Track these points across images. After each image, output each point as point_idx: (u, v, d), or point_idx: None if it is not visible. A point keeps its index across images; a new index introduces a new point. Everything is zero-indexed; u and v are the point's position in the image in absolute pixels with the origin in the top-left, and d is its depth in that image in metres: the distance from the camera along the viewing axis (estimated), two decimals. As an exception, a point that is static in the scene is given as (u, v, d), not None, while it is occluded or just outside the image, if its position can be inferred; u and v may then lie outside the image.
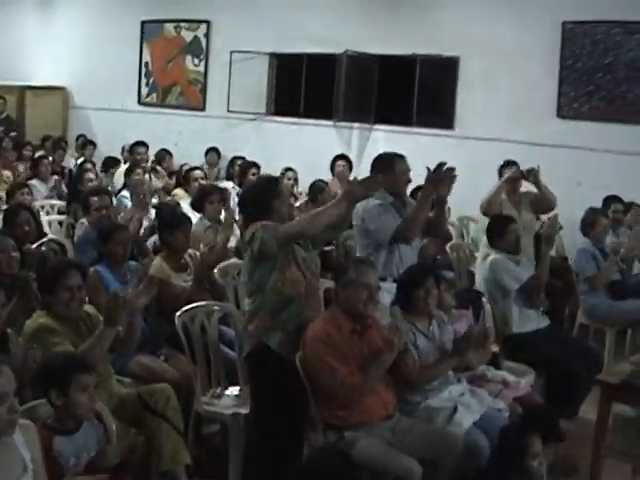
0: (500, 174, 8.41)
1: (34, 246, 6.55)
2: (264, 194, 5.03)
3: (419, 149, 10.26)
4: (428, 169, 5.86)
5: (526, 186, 8.00)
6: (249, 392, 5.17)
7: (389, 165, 6.02)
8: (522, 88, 10.30)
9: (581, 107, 10.06)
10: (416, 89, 11.35)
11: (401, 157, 6.13)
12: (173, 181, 10.58)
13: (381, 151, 6.69)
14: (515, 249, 6.67)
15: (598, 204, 8.46)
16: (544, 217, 8.04)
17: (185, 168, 10.54)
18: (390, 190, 5.95)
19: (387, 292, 5.43)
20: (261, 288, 4.86)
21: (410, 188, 6.68)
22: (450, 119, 11.06)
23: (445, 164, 5.83)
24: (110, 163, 11.16)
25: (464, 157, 10.26)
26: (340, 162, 10.78)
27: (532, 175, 7.67)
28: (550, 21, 10.08)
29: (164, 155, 11.84)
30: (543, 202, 7.76)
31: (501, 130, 10.30)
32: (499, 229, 6.74)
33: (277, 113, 12.66)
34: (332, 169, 10.70)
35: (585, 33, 9.95)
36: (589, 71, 9.97)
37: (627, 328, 7.79)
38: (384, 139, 11.31)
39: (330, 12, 11.73)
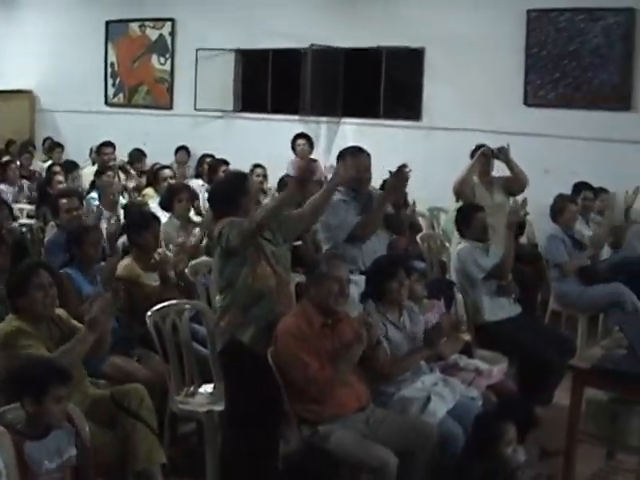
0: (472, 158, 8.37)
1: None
2: (232, 190, 5.04)
3: (387, 141, 10.33)
4: (390, 172, 5.88)
5: (498, 171, 8.00)
6: (224, 389, 5.17)
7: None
8: (488, 77, 10.30)
9: (547, 95, 10.08)
10: (382, 81, 11.32)
11: (361, 152, 6.12)
12: (144, 180, 10.52)
13: (350, 144, 6.69)
14: (483, 237, 6.65)
15: (566, 191, 8.48)
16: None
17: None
18: (350, 185, 5.95)
19: (355, 284, 5.42)
20: (232, 284, 4.86)
21: (381, 179, 6.69)
22: (417, 110, 11.05)
23: (406, 165, 5.86)
24: (70, 167, 11.01)
25: (432, 148, 10.33)
26: (300, 141, 10.85)
27: (502, 153, 7.69)
28: (514, 9, 10.08)
29: (138, 155, 11.78)
30: (515, 182, 7.75)
31: (468, 120, 10.28)
32: (466, 218, 6.73)
33: (244, 109, 12.61)
34: (293, 148, 10.75)
35: (550, 21, 9.96)
36: (554, 59, 9.97)
37: (599, 313, 7.83)
38: (352, 132, 11.30)
39: (294, 7, 11.70)
